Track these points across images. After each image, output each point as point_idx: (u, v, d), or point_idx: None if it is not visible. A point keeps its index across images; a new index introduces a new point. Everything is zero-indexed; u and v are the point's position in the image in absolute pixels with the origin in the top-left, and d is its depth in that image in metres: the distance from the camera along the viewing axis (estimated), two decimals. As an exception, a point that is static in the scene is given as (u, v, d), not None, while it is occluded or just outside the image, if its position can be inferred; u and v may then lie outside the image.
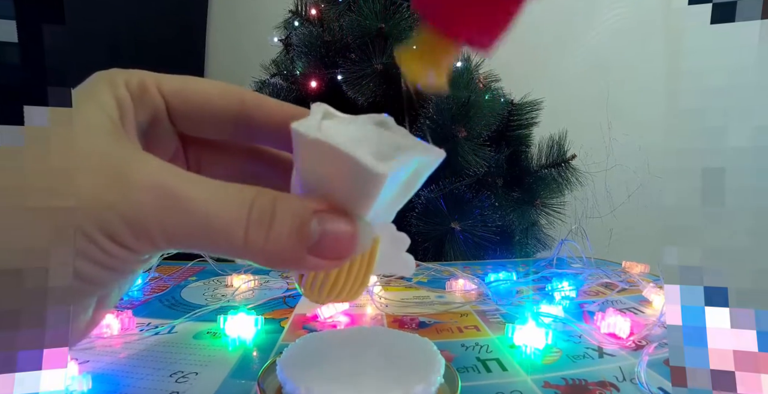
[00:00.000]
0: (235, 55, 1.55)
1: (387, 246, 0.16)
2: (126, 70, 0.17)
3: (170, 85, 0.17)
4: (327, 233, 0.14)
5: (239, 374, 0.27)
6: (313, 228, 0.14)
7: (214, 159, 0.20)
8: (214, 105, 0.17)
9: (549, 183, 0.89)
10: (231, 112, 0.18)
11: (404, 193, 0.15)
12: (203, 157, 0.20)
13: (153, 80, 0.17)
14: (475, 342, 0.33)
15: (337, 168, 0.13)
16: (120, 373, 0.27)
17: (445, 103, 0.75)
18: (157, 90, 0.17)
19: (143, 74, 0.17)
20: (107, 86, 0.16)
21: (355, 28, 0.82)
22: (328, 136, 0.13)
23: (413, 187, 0.15)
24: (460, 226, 0.71)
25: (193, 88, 0.17)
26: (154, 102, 0.17)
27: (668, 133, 0.16)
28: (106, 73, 0.16)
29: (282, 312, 0.39)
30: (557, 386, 0.26)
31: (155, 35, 1.39)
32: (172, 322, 0.36)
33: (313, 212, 0.14)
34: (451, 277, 0.48)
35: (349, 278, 0.16)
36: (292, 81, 0.94)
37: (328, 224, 0.14)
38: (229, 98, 0.18)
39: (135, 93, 0.16)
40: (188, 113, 0.18)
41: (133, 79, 0.16)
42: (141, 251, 0.13)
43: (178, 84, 0.17)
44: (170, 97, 0.17)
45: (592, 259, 0.57)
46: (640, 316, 0.39)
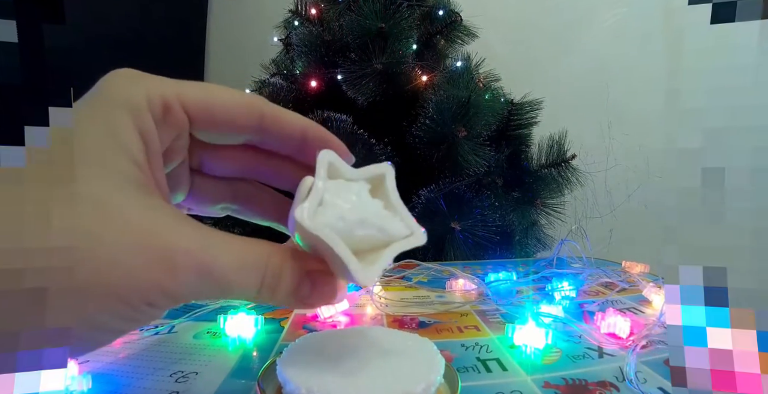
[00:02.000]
0: (235, 55, 1.55)
1: None
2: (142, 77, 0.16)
3: (194, 100, 0.17)
4: (313, 292, 0.17)
5: (239, 374, 0.27)
6: (304, 289, 0.17)
7: (215, 158, 0.20)
8: (237, 121, 0.18)
9: (549, 183, 0.89)
10: (251, 127, 0.18)
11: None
12: (205, 156, 0.20)
13: (175, 96, 0.16)
14: (475, 342, 0.33)
15: (329, 254, 0.16)
16: (120, 373, 0.27)
17: (445, 102, 0.75)
18: (181, 107, 0.16)
19: (164, 88, 0.16)
20: (128, 117, 0.15)
21: (355, 28, 0.82)
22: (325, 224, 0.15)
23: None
24: (460, 226, 0.71)
25: (218, 103, 0.17)
26: (178, 122, 0.17)
27: (668, 133, 0.16)
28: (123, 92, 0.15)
29: (282, 312, 0.39)
30: (557, 386, 0.26)
31: (155, 35, 1.39)
32: (172, 322, 0.36)
33: (307, 273, 0.17)
34: (451, 277, 0.48)
35: None
36: (292, 81, 0.94)
37: (316, 286, 0.17)
38: (252, 114, 0.18)
39: (158, 117, 0.16)
40: (209, 126, 0.18)
41: (155, 98, 0.16)
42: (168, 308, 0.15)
43: (202, 97, 0.17)
44: (194, 113, 0.17)
45: (592, 259, 0.57)
46: (640, 316, 0.39)
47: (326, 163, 0.17)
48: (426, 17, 0.97)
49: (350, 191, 0.17)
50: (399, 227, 0.17)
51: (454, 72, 0.85)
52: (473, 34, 1.01)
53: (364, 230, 0.16)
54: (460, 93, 0.76)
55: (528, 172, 0.90)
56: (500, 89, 0.93)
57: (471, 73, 0.86)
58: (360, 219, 0.16)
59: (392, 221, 0.17)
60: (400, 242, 0.17)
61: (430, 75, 0.86)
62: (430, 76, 0.86)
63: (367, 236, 0.16)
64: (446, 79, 0.83)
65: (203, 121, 0.17)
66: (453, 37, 1.00)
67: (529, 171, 0.90)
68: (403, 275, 0.51)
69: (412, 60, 0.86)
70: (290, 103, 0.84)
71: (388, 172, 0.18)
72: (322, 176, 0.17)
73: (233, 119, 0.18)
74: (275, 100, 0.84)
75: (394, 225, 0.17)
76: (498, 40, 1.25)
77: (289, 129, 0.19)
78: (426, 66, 0.89)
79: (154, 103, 0.16)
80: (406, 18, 0.83)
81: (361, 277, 0.15)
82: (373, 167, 0.18)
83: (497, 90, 0.91)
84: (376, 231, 0.16)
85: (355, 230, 0.16)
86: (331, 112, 0.75)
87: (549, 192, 0.90)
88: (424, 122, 0.77)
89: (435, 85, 0.84)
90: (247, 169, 0.21)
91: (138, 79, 0.16)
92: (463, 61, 0.88)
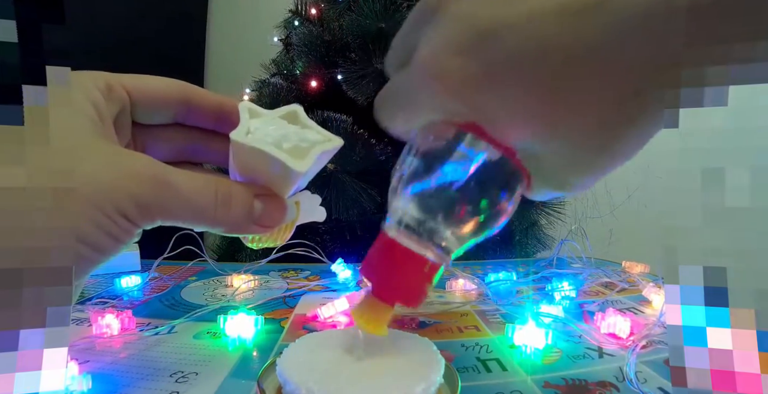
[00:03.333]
0: (235, 55, 1.55)
1: (306, 204, 0.24)
2: (89, 72, 0.20)
3: (131, 82, 0.21)
4: (265, 210, 0.20)
5: (239, 374, 0.27)
6: (257, 207, 0.20)
7: (156, 142, 0.24)
8: (164, 95, 0.22)
9: (549, 183, 0.89)
10: (177, 101, 0.22)
11: (314, 171, 0.21)
12: (147, 141, 0.23)
13: (115, 80, 0.20)
14: (475, 342, 0.33)
15: (267, 166, 0.19)
16: (120, 373, 0.27)
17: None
18: (121, 87, 0.20)
19: (106, 76, 0.20)
20: (81, 92, 0.18)
21: (355, 28, 0.82)
22: (257, 140, 0.18)
23: (320, 166, 0.21)
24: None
25: (147, 82, 0.22)
26: (120, 97, 0.20)
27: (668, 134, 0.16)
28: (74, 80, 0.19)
29: (282, 312, 0.39)
30: (557, 386, 0.26)
31: (155, 35, 1.39)
32: (172, 322, 0.36)
33: (255, 196, 0.20)
34: (451, 277, 0.48)
35: (280, 231, 0.23)
36: (292, 80, 0.94)
37: (265, 205, 0.20)
38: (178, 92, 0.22)
39: (104, 93, 0.20)
40: (144, 104, 0.22)
41: (99, 81, 0.20)
42: (142, 224, 0.17)
43: (135, 81, 0.21)
44: (131, 91, 0.21)
45: (592, 259, 0.57)
46: (640, 316, 0.39)
47: (246, 108, 0.20)
48: (426, 17, 0.97)
49: (271, 122, 0.20)
50: (318, 137, 0.20)
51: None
52: (473, 34, 1.01)
53: (288, 143, 0.19)
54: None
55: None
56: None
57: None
58: (283, 134, 0.19)
59: (310, 133, 0.21)
60: (323, 143, 0.20)
61: (430, 75, 0.86)
62: (430, 76, 0.86)
63: (293, 147, 0.19)
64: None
65: (139, 99, 0.21)
66: (453, 37, 1.00)
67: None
68: (403, 275, 0.51)
69: (412, 60, 0.86)
70: (290, 103, 0.84)
71: (299, 109, 0.22)
72: (245, 116, 0.20)
73: (163, 95, 0.22)
74: (275, 100, 0.84)
75: (312, 136, 0.20)
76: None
77: (207, 102, 0.23)
78: (426, 66, 0.89)
79: (99, 82, 0.20)
80: (406, 18, 0.83)
81: (294, 164, 0.18)
82: (285, 107, 0.22)
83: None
84: (298, 141, 0.19)
85: (281, 144, 0.19)
86: (331, 112, 0.75)
87: (549, 192, 0.90)
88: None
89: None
90: (181, 149, 0.24)
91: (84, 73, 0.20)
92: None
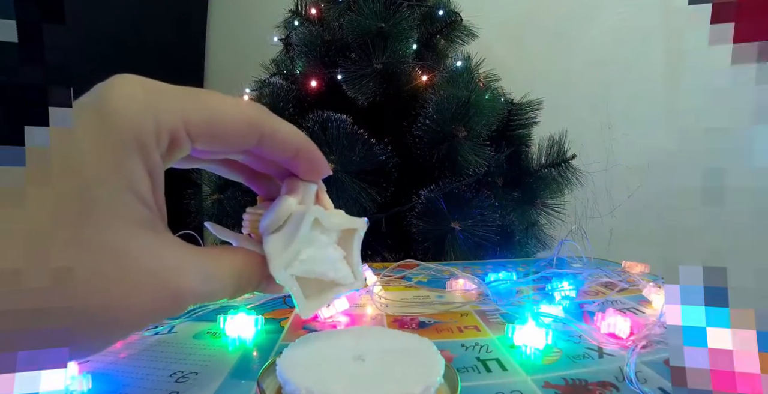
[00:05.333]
0: (235, 55, 1.55)
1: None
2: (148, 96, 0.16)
3: (198, 123, 0.17)
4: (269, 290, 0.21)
5: (239, 374, 0.27)
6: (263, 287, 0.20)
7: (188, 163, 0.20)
8: (238, 143, 0.19)
9: (549, 183, 0.89)
10: (249, 146, 0.19)
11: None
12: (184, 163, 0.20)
13: (182, 124, 0.16)
14: (475, 342, 0.33)
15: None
16: (120, 373, 0.27)
17: (445, 102, 0.75)
18: (186, 135, 0.17)
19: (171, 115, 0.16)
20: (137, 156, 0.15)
21: (355, 28, 0.82)
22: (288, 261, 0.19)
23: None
24: (460, 226, 0.71)
25: (220, 126, 0.17)
26: (182, 150, 0.17)
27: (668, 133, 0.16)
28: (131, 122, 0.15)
29: (282, 312, 0.39)
30: (557, 386, 0.26)
31: (155, 35, 1.39)
32: (171, 322, 0.36)
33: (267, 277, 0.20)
34: (451, 277, 0.48)
35: None
36: (292, 80, 0.94)
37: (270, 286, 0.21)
38: (251, 134, 0.19)
39: (165, 151, 0.16)
40: (212, 149, 0.18)
41: (164, 133, 0.16)
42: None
43: (207, 118, 0.17)
44: (197, 137, 0.17)
45: (592, 259, 0.57)
46: (640, 316, 0.39)
47: (311, 220, 0.20)
48: (426, 17, 0.97)
49: (320, 243, 0.21)
50: (348, 276, 0.22)
51: (454, 72, 0.85)
52: (473, 34, 1.01)
53: (319, 276, 0.21)
54: (460, 93, 0.76)
55: (528, 172, 0.90)
56: (500, 89, 0.93)
57: (471, 73, 0.86)
58: (321, 272, 0.21)
59: (344, 270, 0.22)
60: (343, 286, 0.22)
61: (430, 75, 0.86)
62: (430, 76, 0.86)
63: (320, 279, 0.21)
64: (446, 79, 0.83)
65: (205, 144, 0.18)
66: (453, 37, 1.00)
67: (529, 171, 0.90)
68: (403, 275, 0.51)
69: (412, 60, 0.86)
70: (290, 103, 0.84)
71: (361, 229, 0.22)
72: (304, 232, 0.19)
73: (234, 141, 0.18)
74: (275, 100, 0.84)
75: (344, 274, 0.22)
76: (498, 40, 1.25)
77: (283, 147, 0.20)
78: (426, 66, 0.89)
79: (162, 137, 0.16)
80: (406, 18, 0.83)
81: (303, 310, 0.21)
82: (350, 221, 0.22)
83: (497, 90, 0.91)
84: (329, 275, 0.21)
85: (313, 273, 0.20)
86: (331, 112, 0.75)
87: (549, 192, 0.90)
88: (424, 122, 0.76)
89: (435, 85, 0.84)
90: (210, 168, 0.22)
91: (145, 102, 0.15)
92: (463, 61, 0.88)
